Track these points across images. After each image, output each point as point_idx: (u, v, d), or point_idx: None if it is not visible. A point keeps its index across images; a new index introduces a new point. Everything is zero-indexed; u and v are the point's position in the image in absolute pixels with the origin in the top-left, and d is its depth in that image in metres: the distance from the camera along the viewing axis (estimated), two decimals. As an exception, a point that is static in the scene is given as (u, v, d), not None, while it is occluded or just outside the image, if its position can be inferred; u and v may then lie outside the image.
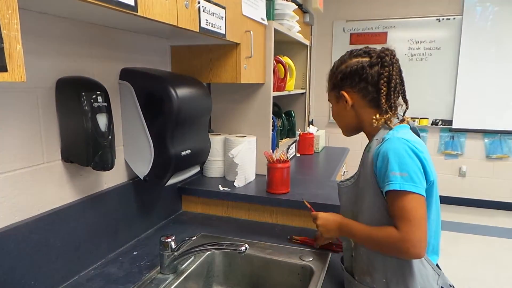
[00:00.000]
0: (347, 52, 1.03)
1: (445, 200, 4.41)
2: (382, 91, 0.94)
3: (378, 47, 1.00)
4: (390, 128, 0.96)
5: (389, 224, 0.90)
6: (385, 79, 0.94)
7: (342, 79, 1.00)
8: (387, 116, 0.96)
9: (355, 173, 1.02)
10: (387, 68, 0.94)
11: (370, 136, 1.01)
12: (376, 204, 0.94)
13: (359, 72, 0.97)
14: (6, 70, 0.55)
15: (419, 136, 0.99)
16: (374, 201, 0.94)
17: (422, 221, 0.86)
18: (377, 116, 0.96)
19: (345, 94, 1.00)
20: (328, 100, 1.10)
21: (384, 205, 0.92)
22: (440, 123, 4.37)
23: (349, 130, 1.07)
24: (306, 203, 1.30)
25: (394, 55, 0.96)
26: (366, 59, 0.97)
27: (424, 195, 0.87)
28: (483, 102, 4.16)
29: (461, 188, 4.44)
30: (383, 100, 0.95)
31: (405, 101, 1.00)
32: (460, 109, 4.25)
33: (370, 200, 0.95)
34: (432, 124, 4.39)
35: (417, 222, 0.85)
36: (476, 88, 4.17)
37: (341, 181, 1.07)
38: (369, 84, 0.96)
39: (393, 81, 0.94)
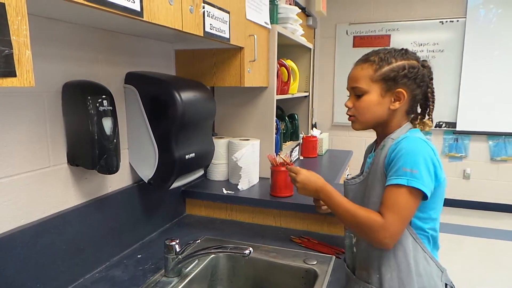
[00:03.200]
0: (397, 49, 0.99)
1: (449, 202, 4.39)
2: (430, 96, 1.00)
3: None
4: (406, 130, 0.99)
5: None
6: (432, 87, 1.00)
7: (404, 76, 0.95)
8: (424, 121, 1.01)
9: (364, 172, 1.03)
10: (432, 79, 1.00)
11: (383, 136, 1.01)
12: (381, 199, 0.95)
13: (422, 78, 0.97)
14: (15, 75, 0.56)
15: None
16: (380, 195, 0.94)
17: (409, 219, 0.91)
18: (418, 120, 1.02)
19: (405, 93, 0.96)
20: (360, 87, 0.98)
21: None
22: (444, 125, 4.35)
23: (370, 125, 1.03)
24: (281, 158, 1.18)
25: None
26: (420, 65, 0.98)
27: (428, 195, 0.89)
28: (487, 104, 4.15)
29: (465, 191, 4.42)
30: (432, 106, 1.00)
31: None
32: (464, 111, 4.24)
33: (376, 195, 0.96)
34: (436, 127, 4.37)
35: (405, 219, 0.90)
36: (480, 90, 4.16)
37: (348, 179, 1.07)
38: (421, 90, 0.99)
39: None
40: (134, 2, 0.82)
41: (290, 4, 2.21)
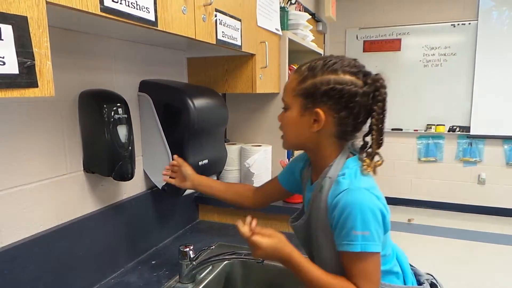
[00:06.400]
0: (337, 59, 0.82)
1: (463, 208, 4.31)
2: (375, 122, 0.82)
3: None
4: (341, 163, 0.85)
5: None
6: (378, 110, 0.81)
7: (324, 93, 0.80)
8: (365, 159, 0.84)
9: (306, 212, 0.94)
10: (381, 102, 0.81)
11: (317, 166, 0.90)
12: (331, 248, 0.86)
13: (350, 98, 0.80)
14: (37, 86, 0.58)
15: None
16: (328, 244, 0.86)
17: (379, 282, 0.83)
18: (366, 160, 0.84)
19: (322, 114, 0.81)
20: (285, 101, 0.88)
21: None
22: (457, 129, 4.29)
23: (295, 146, 0.94)
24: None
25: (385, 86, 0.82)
26: (360, 82, 0.81)
27: (381, 250, 0.81)
28: (502, 107, 4.08)
29: (480, 196, 4.33)
30: (375, 135, 0.83)
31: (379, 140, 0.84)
32: (478, 115, 4.17)
33: (324, 244, 0.87)
34: (449, 131, 4.31)
35: (378, 280, 0.82)
36: (493, 93, 4.09)
37: (292, 218, 1.00)
38: (351, 111, 0.81)
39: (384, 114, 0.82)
40: (149, 12, 0.84)
41: (300, 10, 2.22)
